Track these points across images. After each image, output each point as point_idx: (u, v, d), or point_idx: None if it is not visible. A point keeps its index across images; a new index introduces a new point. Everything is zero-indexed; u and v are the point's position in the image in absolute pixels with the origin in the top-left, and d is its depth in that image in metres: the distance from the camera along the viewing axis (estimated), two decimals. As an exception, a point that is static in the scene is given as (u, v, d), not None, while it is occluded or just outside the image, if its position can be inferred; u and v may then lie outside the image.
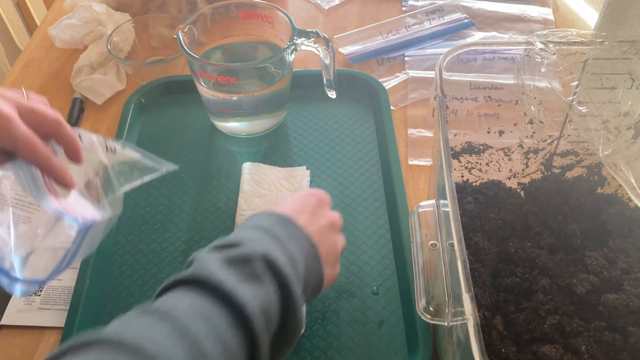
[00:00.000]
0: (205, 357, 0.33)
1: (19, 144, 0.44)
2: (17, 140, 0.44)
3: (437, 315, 0.41)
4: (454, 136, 0.57)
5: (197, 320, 0.35)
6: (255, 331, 0.37)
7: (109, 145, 0.55)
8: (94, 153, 0.53)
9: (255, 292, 0.38)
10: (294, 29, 0.65)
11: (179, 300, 0.37)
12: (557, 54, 0.51)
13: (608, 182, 0.57)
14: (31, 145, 0.45)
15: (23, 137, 0.44)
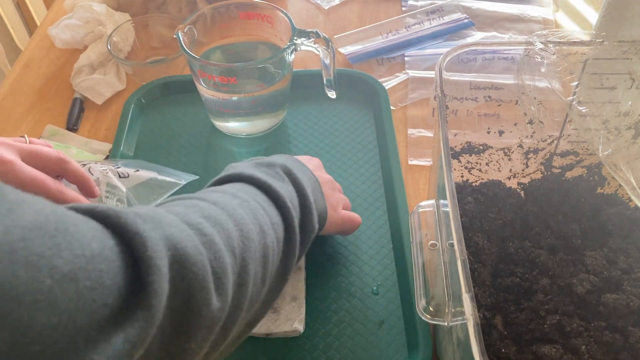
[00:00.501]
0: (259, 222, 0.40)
1: (27, 185, 0.45)
2: (24, 182, 0.45)
3: (437, 315, 0.41)
4: (454, 136, 0.57)
5: (249, 197, 0.42)
6: (289, 214, 0.44)
7: (120, 172, 0.57)
8: (109, 182, 0.55)
9: (282, 186, 0.45)
10: (294, 29, 0.65)
11: (228, 187, 0.43)
12: (557, 54, 0.51)
13: (608, 182, 0.57)
14: (39, 183, 0.46)
15: (29, 177, 0.45)
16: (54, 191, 0.47)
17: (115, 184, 0.56)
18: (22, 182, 0.45)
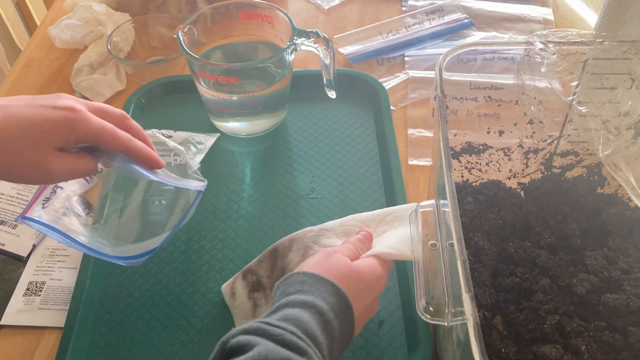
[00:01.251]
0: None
1: (98, 133, 0.47)
2: (97, 130, 0.47)
3: (437, 315, 0.41)
4: (454, 136, 0.57)
5: None
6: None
7: (164, 132, 0.62)
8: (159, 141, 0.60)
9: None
10: (294, 29, 0.65)
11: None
12: (557, 54, 0.51)
13: (608, 182, 0.57)
14: (110, 131, 0.47)
15: (101, 125, 0.47)
16: (123, 138, 0.48)
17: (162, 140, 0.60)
18: (94, 130, 0.46)
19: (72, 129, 0.45)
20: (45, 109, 0.45)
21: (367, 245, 0.51)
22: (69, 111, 0.45)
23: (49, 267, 0.61)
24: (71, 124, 0.45)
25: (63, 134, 0.45)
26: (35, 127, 0.44)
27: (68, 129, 0.45)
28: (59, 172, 0.46)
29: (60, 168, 0.46)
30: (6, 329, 0.57)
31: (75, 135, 0.46)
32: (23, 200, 0.67)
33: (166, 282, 0.58)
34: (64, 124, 0.45)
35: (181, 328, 0.55)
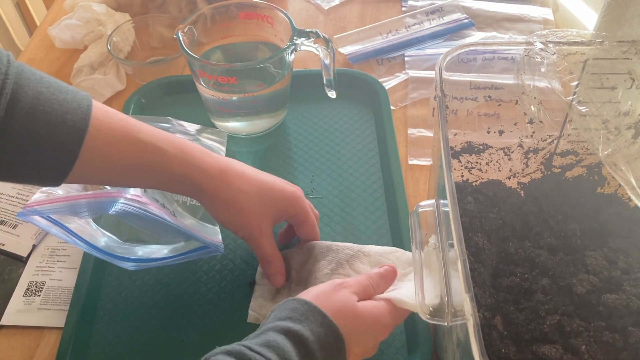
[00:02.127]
0: None
1: (309, 216, 0.55)
2: (308, 213, 0.55)
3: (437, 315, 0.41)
4: (454, 136, 0.57)
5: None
6: None
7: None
8: None
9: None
10: (293, 29, 0.65)
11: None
12: (557, 54, 0.51)
13: (608, 182, 0.57)
14: (314, 225, 0.56)
15: (308, 213, 0.55)
16: (315, 231, 0.57)
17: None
18: (304, 214, 0.55)
19: (295, 206, 0.54)
20: (281, 181, 0.55)
21: (387, 282, 0.50)
22: (297, 190, 0.54)
23: (49, 267, 0.61)
24: (296, 201, 0.54)
25: (286, 205, 0.53)
26: (271, 190, 0.53)
27: (291, 203, 0.54)
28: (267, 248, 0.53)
29: (269, 245, 0.53)
30: (6, 329, 0.57)
31: (290, 213, 0.54)
32: (23, 200, 0.67)
33: (166, 282, 0.58)
34: (291, 197, 0.54)
35: (181, 328, 0.55)
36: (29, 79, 0.41)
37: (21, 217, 0.50)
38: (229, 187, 0.50)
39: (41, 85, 0.41)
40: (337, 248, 0.55)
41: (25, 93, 0.40)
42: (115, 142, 0.45)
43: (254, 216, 0.52)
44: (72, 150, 0.42)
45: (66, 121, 0.41)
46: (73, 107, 0.42)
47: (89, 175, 0.46)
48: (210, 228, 0.58)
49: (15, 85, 0.40)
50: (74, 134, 0.42)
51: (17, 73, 0.40)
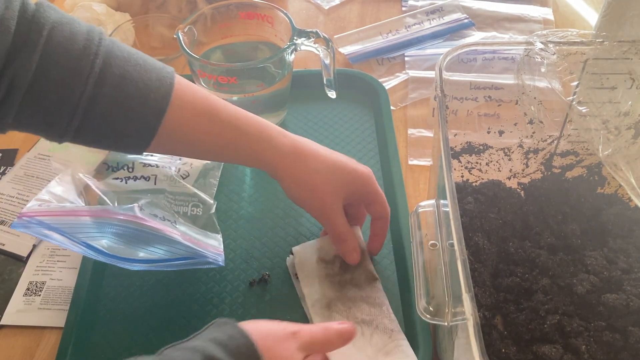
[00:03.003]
0: None
1: (380, 194, 0.55)
2: (379, 191, 0.55)
3: (437, 315, 0.41)
4: (454, 136, 0.57)
5: None
6: None
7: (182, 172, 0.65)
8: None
9: None
10: (294, 29, 0.65)
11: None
12: (557, 54, 0.51)
13: (608, 182, 0.57)
14: (385, 201, 0.56)
15: (382, 194, 0.56)
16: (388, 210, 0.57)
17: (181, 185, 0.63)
18: (376, 192, 0.55)
19: (366, 185, 0.54)
20: (352, 161, 0.54)
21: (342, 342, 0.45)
22: (368, 170, 0.54)
23: (49, 267, 0.61)
24: (368, 180, 0.54)
25: (358, 185, 0.54)
26: (344, 170, 0.53)
27: (363, 183, 0.54)
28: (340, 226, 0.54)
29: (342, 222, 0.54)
30: (6, 329, 0.57)
31: (362, 192, 0.54)
32: (23, 200, 0.67)
33: (166, 282, 0.58)
34: (363, 177, 0.54)
35: (181, 328, 0.55)
36: (117, 57, 0.44)
37: (16, 228, 0.51)
38: (303, 167, 0.52)
39: (128, 64, 0.45)
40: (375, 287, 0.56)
41: (112, 73, 0.44)
42: (196, 119, 0.48)
43: (326, 195, 0.53)
44: (153, 126, 0.46)
45: (149, 101, 0.45)
46: (156, 86, 0.46)
47: (169, 147, 0.50)
48: (212, 236, 0.59)
49: (104, 65, 0.44)
50: (155, 112, 0.46)
51: (106, 52, 0.44)
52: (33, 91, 0.42)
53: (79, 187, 0.62)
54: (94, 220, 0.53)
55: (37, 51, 0.41)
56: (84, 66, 0.42)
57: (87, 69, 0.43)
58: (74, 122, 0.44)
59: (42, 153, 0.72)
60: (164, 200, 0.60)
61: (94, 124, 0.45)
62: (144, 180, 0.62)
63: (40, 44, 0.41)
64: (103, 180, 0.62)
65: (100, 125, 0.45)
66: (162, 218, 0.55)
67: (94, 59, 0.43)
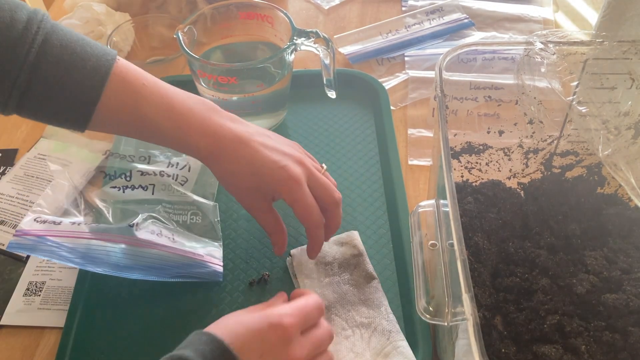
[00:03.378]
0: None
1: (297, 203, 0.52)
2: (297, 200, 0.52)
3: (437, 315, 0.41)
4: (454, 136, 0.57)
5: None
6: None
7: (180, 179, 0.65)
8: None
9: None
10: (294, 29, 0.65)
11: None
12: (557, 54, 0.51)
13: (608, 182, 0.57)
14: (306, 208, 0.52)
15: (305, 200, 0.52)
16: (314, 223, 0.53)
17: (181, 193, 0.63)
18: (296, 202, 0.52)
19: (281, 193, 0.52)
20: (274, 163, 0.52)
21: (320, 314, 0.47)
22: (292, 175, 0.51)
23: (49, 267, 0.61)
24: (282, 188, 0.51)
25: (275, 189, 0.52)
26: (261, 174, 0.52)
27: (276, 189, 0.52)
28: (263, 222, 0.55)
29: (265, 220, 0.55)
30: (6, 329, 0.57)
31: (280, 196, 0.52)
32: (23, 201, 0.67)
33: (166, 282, 0.58)
34: (278, 183, 0.51)
35: (181, 328, 0.55)
36: (54, 46, 0.46)
37: (12, 249, 0.52)
38: (221, 167, 0.53)
39: (64, 53, 0.47)
40: (372, 294, 0.56)
41: (47, 60, 0.46)
42: (121, 113, 0.50)
43: (244, 196, 0.54)
44: (86, 113, 0.48)
45: (82, 89, 0.47)
46: (90, 75, 0.47)
47: (105, 130, 0.52)
48: (212, 244, 0.59)
49: (40, 52, 0.46)
50: (86, 101, 0.48)
51: (44, 40, 0.46)
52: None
53: (76, 192, 0.63)
54: (90, 248, 0.53)
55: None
56: (19, 54, 0.45)
57: (22, 56, 0.45)
58: (12, 103, 0.47)
59: (42, 153, 0.72)
60: (162, 211, 0.60)
61: (30, 106, 0.48)
62: (141, 190, 0.62)
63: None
64: (100, 189, 0.62)
65: (36, 108, 0.48)
66: (159, 234, 0.56)
67: (29, 47, 0.45)
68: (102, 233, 0.54)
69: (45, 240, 0.52)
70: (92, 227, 0.55)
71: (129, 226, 0.54)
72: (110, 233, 0.54)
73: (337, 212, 0.55)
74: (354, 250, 0.59)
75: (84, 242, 0.53)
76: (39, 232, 0.52)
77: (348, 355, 0.51)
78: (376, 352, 0.51)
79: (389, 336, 0.52)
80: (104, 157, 0.69)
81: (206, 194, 0.64)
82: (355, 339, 0.52)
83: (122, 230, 0.54)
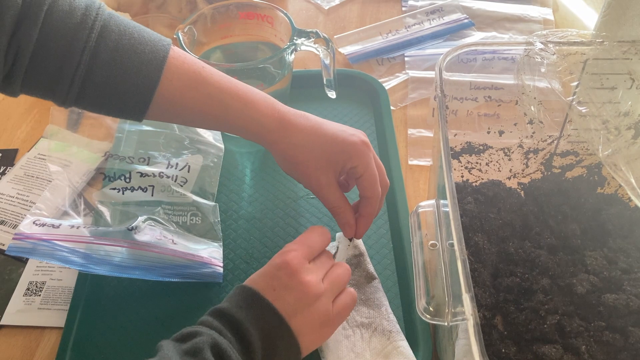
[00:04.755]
0: None
1: (369, 170, 0.52)
2: (369, 167, 0.52)
3: (437, 315, 0.41)
4: (454, 136, 0.57)
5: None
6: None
7: (179, 179, 0.65)
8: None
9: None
10: (294, 29, 0.65)
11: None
12: (557, 54, 0.51)
13: (608, 182, 0.57)
14: (375, 177, 0.53)
15: (374, 168, 0.53)
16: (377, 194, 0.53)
17: (181, 194, 0.63)
18: (367, 168, 0.52)
19: (353, 158, 0.52)
20: (344, 132, 0.52)
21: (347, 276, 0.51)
22: (359, 141, 0.52)
23: (49, 267, 0.61)
24: (357, 153, 0.51)
25: (345, 158, 0.52)
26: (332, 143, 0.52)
27: (351, 155, 0.52)
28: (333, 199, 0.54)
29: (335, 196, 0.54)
30: (6, 329, 0.57)
31: (350, 165, 0.52)
32: (23, 201, 0.67)
33: (166, 282, 0.58)
34: (352, 149, 0.51)
35: (182, 327, 0.55)
36: (112, 31, 0.47)
37: (11, 253, 0.52)
38: (287, 142, 0.52)
39: (123, 37, 0.47)
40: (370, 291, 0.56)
41: (107, 46, 0.46)
42: (185, 92, 0.50)
43: (312, 170, 0.53)
44: (146, 98, 0.48)
45: (141, 73, 0.47)
46: (149, 59, 0.48)
47: (165, 117, 0.52)
48: (212, 245, 0.59)
49: (99, 38, 0.46)
50: (147, 84, 0.48)
51: (102, 26, 0.46)
52: (35, 61, 0.45)
53: (75, 193, 0.62)
54: (90, 250, 0.53)
55: (37, 24, 0.44)
56: (80, 39, 0.45)
57: (82, 42, 0.45)
58: (73, 91, 0.46)
59: (42, 153, 0.72)
60: (162, 213, 0.60)
61: (91, 93, 0.47)
62: (141, 192, 0.62)
63: (40, 17, 0.44)
64: (100, 190, 0.62)
65: (97, 95, 0.48)
66: (158, 238, 0.56)
67: (89, 32, 0.45)
68: (101, 237, 0.54)
69: (45, 243, 0.52)
70: (91, 230, 0.55)
71: (127, 230, 0.54)
72: (109, 237, 0.54)
73: (383, 197, 0.56)
74: (355, 250, 0.59)
75: (83, 245, 0.53)
76: (38, 236, 0.52)
77: (348, 355, 0.51)
78: (376, 352, 0.51)
79: (389, 336, 0.52)
80: (104, 158, 0.69)
81: (206, 195, 0.64)
82: (356, 339, 0.52)
83: (121, 234, 0.54)
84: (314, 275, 0.48)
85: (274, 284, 0.46)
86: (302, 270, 0.47)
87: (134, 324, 0.56)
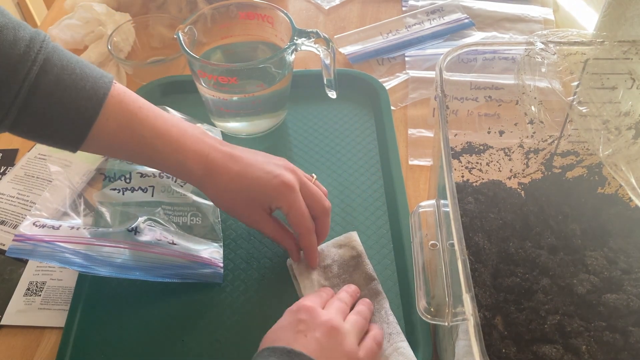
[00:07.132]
0: None
1: (292, 209, 0.54)
2: (292, 206, 0.54)
3: (437, 315, 0.41)
4: (454, 136, 0.57)
5: None
6: None
7: (179, 181, 0.65)
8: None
9: None
10: (294, 29, 0.65)
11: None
12: (558, 54, 0.51)
13: (608, 182, 0.57)
14: (301, 214, 0.54)
15: (299, 206, 0.54)
16: (307, 229, 0.55)
17: (181, 195, 0.63)
18: (291, 206, 0.54)
19: (276, 200, 0.54)
20: (265, 173, 0.54)
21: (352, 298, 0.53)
22: (282, 183, 0.53)
23: (49, 267, 0.61)
24: (278, 196, 0.53)
25: (271, 199, 0.54)
26: (256, 186, 0.54)
27: (273, 197, 0.54)
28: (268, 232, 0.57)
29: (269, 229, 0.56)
30: (6, 329, 0.57)
31: (275, 205, 0.54)
32: (23, 201, 0.67)
33: (166, 282, 0.58)
34: (274, 192, 0.53)
35: (181, 328, 0.55)
36: (55, 65, 0.47)
37: (11, 254, 0.52)
38: (213, 186, 0.55)
39: (64, 72, 0.48)
40: (373, 286, 0.57)
41: (48, 79, 0.47)
42: (119, 132, 0.50)
43: (241, 211, 0.56)
44: (82, 133, 0.49)
45: (80, 107, 0.48)
46: (89, 95, 0.48)
47: (96, 150, 0.53)
48: (212, 245, 0.59)
49: (40, 71, 0.46)
50: (84, 119, 0.49)
51: (45, 59, 0.47)
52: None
53: (75, 193, 0.62)
54: (90, 251, 0.54)
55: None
56: (20, 71, 0.45)
57: (23, 74, 0.45)
58: (9, 118, 0.47)
59: (42, 153, 0.72)
60: (162, 213, 0.60)
61: (27, 123, 0.48)
62: (141, 192, 0.62)
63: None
64: (100, 191, 0.62)
65: (33, 126, 0.48)
66: (159, 239, 0.56)
67: (31, 65, 0.46)
68: (101, 238, 0.54)
69: (45, 244, 0.52)
70: (92, 231, 0.55)
71: (127, 230, 0.54)
72: (109, 238, 0.54)
73: (326, 220, 0.57)
74: (352, 252, 0.59)
75: (83, 246, 0.53)
76: (38, 237, 0.52)
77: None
78: None
79: (389, 339, 0.52)
80: (104, 159, 0.69)
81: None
82: None
83: (122, 235, 0.54)
84: (333, 311, 0.50)
85: (301, 328, 0.47)
86: (319, 309, 0.49)
87: (134, 324, 0.56)
